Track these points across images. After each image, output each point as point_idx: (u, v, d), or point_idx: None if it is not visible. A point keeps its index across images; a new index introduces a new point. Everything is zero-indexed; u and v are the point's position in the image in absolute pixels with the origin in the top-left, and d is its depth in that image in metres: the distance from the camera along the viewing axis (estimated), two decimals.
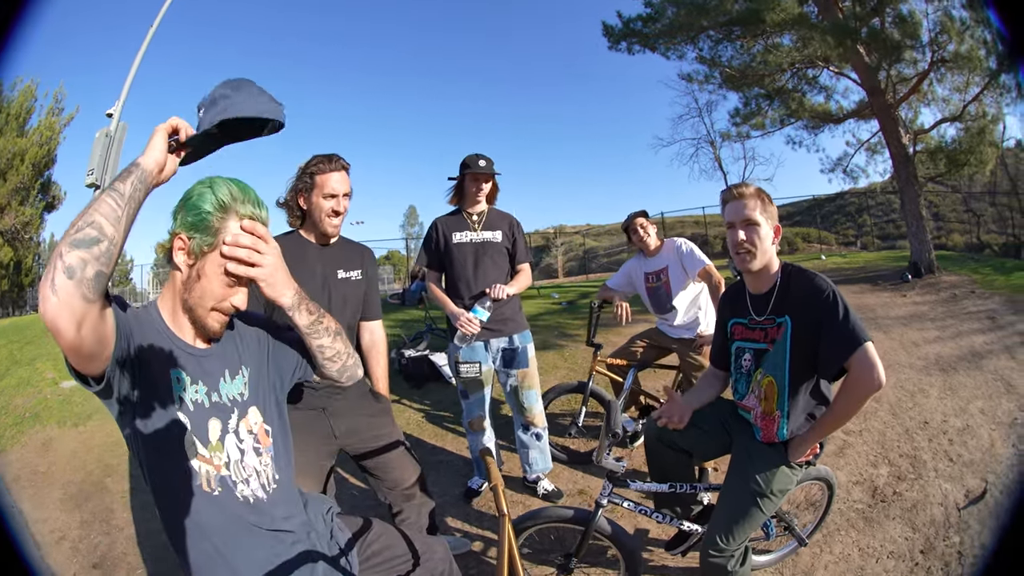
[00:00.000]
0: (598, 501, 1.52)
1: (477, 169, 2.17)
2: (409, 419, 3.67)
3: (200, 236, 0.87)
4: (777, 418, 1.38)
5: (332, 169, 1.56)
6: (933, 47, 7.25)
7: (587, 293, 9.87)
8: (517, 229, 2.34)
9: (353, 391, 1.61)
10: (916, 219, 7.87)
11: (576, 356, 4.99)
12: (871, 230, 20.47)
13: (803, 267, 1.39)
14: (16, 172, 11.91)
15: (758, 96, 9.41)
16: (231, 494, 0.91)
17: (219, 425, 0.93)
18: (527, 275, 2.33)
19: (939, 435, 2.71)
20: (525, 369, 2.28)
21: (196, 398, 0.91)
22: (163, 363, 0.88)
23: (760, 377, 1.42)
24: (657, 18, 8.46)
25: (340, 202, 1.57)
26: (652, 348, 2.80)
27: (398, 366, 4.62)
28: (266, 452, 0.99)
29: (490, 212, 2.31)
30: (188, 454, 0.88)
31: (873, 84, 7.85)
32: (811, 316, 1.29)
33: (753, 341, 1.45)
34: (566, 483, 2.57)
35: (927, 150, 8.41)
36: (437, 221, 2.32)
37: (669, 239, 2.70)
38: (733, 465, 1.48)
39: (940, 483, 2.25)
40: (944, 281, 7.19)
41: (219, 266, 0.89)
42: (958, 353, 4.01)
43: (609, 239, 26.39)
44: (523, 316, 2.36)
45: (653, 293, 2.71)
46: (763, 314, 1.41)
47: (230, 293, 0.91)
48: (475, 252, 2.23)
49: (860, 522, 2.04)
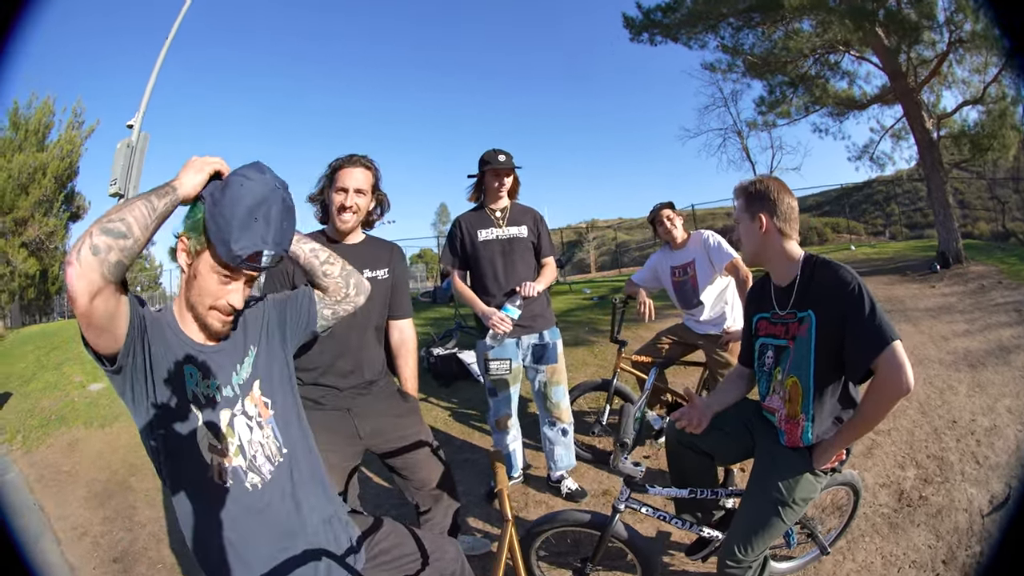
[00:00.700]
0: (615, 506, 1.50)
1: (497, 164, 2.15)
2: (436, 417, 3.69)
3: (195, 236, 0.92)
4: (802, 422, 1.32)
5: (349, 165, 1.57)
6: (950, 27, 7.06)
7: (618, 288, 9.77)
8: (541, 223, 2.32)
9: (380, 391, 1.62)
10: (943, 207, 7.66)
11: (606, 352, 4.97)
12: (899, 219, 19.96)
13: (827, 258, 1.32)
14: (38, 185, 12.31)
15: (782, 84, 9.27)
16: (241, 486, 0.94)
17: (228, 413, 0.96)
18: (552, 269, 2.31)
19: (967, 435, 2.63)
20: (554, 365, 2.28)
21: (208, 393, 0.94)
22: (175, 360, 0.92)
23: (782, 377, 1.37)
24: (677, 7, 8.36)
25: (350, 197, 1.55)
26: (678, 345, 2.72)
27: (427, 364, 4.64)
28: (266, 424, 1.01)
29: (513, 207, 2.29)
30: (200, 448, 0.91)
31: (894, 67, 7.66)
32: (836, 311, 1.23)
33: (774, 337, 1.40)
34: (591, 483, 2.55)
35: (951, 135, 8.22)
36: (460, 219, 2.29)
37: (696, 232, 2.62)
38: (755, 471, 1.43)
39: (966, 487, 2.19)
40: (972, 271, 6.97)
41: (211, 265, 0.92)
42: (986, 348, 3.90)
43: (641, 233, 26.20)
44: (551, 311, 2.35)
45: (679, 288, 2.64)
46: (786, 308, 1.36)
47: (224, 291, 0.93)
48: (502, 249, 2.21)
49: (885, 528, 1.98)
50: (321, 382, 1.54)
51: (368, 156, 1.62)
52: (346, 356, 1.56)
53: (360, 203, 1.58)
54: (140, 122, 5.39)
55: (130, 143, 5.19)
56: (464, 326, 5.70)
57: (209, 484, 0.91)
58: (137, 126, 5.33)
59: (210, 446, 0.92)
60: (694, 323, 2.66)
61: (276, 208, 0.91)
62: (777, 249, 1.36)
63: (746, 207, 1.39)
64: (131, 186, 5.12)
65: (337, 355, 1.55)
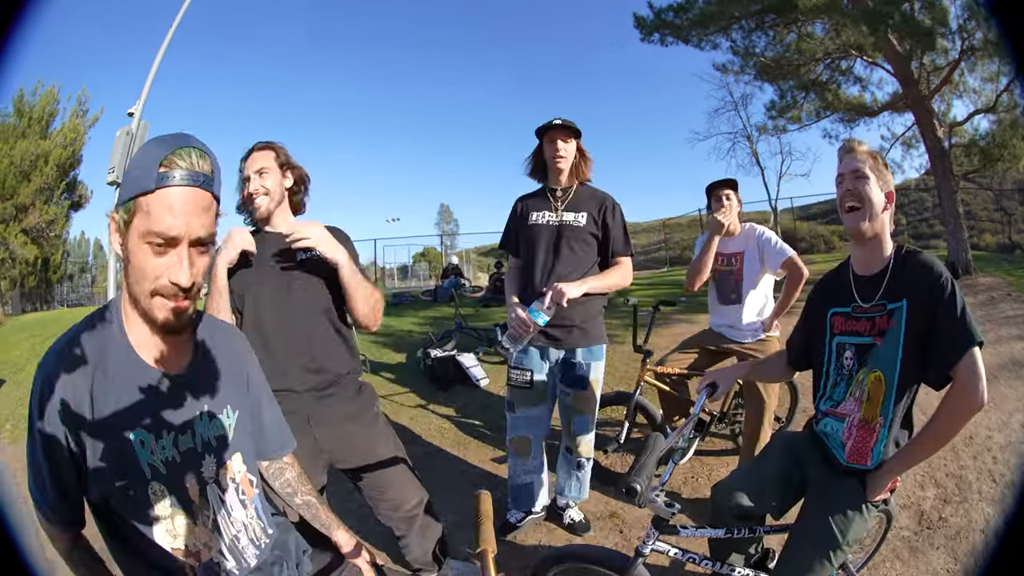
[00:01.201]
0: (639, 550, 1.30)
1: (549, 124, 1.86)
2: (431, 424, 3.56)
3: (123, 208, 0.72)
4: (878, 427, 1.18)
5: (247, 154, 1.45)
6: (962, 34, 7.00)
7: (624, 291, 9.56)
8: (611, 212, 1.92)
9: (343, 392, 1.43)
10: (953, 217, 7.57)
11: (613, 359, 4.80)
12: (905, 229, 19.88)
13: (915, 248, 1.23)
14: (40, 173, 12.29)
15: (793, 88, 9.24)
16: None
17: (195, 478, 0.79)
18: (623, 272, 1.93)
19: (983, 452, 2.55)
20: (583, 392, 1.93)
21: (165, 456, 0.76)
22: (120, 426, 0.73)
23: (864, 377, 1.22)
24: (688, 8, 8.29)
25: (253, 181, 1.41)
26: (707, 353, 2.45)
27: (423, 366, 4.51)
28: (250, 504, 0.88)
29: (579, 190, 1.95)
30: (165, 543, 0.75)
31: (906, 74, 7.58)
32: (928, 302, 1.13)
33: (856, 335, 1.25)
34: (596, 503, 2.37)
35: (962, 144, 8.15)
36: (518, 201, 2.02)
37: (749, 224, 2.39)
38: (807, 511, 1.28)
39: (983, 507, 2.12)
40: (981, 283, 6.88)
41: (140, 233, 0.71)
42: (999, 361, 3.80)
43: (647, 236, 25.95)
44: (600, 326, 1.97)
45: (721, 277, 2.39)
46: (872, 299, 1.22)
47: (162, 267, 0.71)
48: (551, 236, 1.89)
49: (905, 552, 1.89)
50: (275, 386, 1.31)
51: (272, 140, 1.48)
52: (298, 349, 1.37)
53: (268, 184, 1.42)
54: (141, 110, 5.31)
55: (130, 131, 5.12)
56: (465, 327, 5.58)
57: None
58: (137, 114, 5.26)
59: (184, 548, 0.76)
60: (727, 329, 2.41)
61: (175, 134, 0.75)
62: (882, 232, 1.23)
63: (879, 175, 1.23)
64: None
65: (287, 349, 1.36)
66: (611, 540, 2.12)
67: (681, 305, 6.76)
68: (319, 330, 1.42)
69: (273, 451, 1.00)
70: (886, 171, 1.25)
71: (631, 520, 2.23)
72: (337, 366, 1.43)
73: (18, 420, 4.15)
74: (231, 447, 0.85)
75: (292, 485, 1.03)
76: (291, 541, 0.96)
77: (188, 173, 0.71)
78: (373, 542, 2.21)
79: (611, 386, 4.03)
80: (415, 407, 3.93)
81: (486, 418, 3.60)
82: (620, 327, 6.22)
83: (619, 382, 4.17)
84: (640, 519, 2.23)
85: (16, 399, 4.63)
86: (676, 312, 6.35)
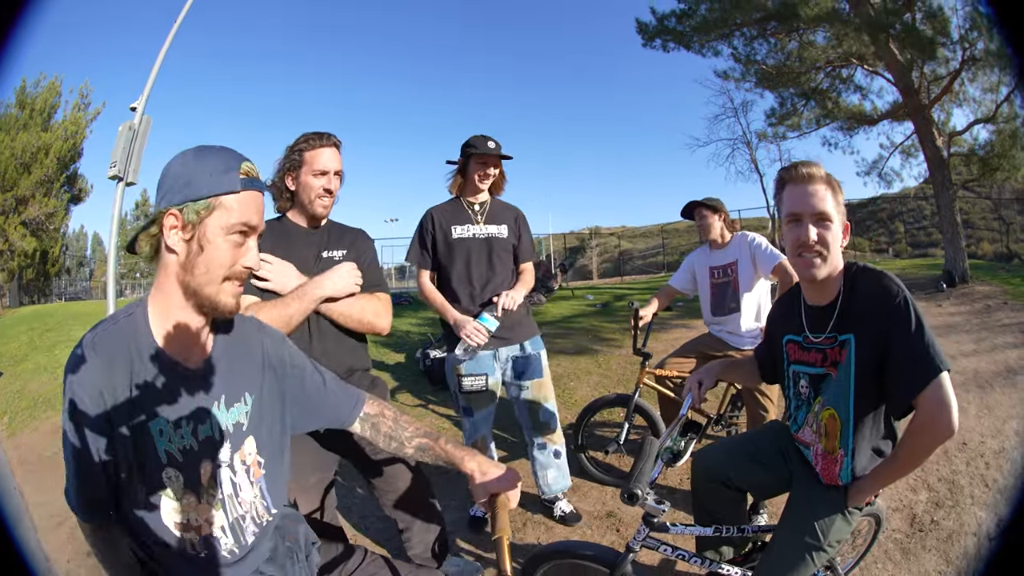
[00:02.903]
0: (629, 545, 1.32)
1: (485, 150, 1.90)
2: (430, 424, 3.60)
3: (193, 202, 0.79)
4: (840, 458, 1.15)
5: (323, 145, 1.43)
6: (964, 44, 7.04)
7: (622, 295, 9.71)
8: (523, 224, 2.10)
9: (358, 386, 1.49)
10: (951, 226, 7.64)
11: (611, 362, 4.85)
12: (903, 237, 20.00)
13: (868, 264, 1.13)
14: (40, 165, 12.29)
15: (794, 96, 9.29)
16: (216, 554, 0.83)
17: (210, 464, 0.84)
18: (531, 275, 2.11)
19: (976, 458, 2.58)
20: (540, 379, 2.05)
21: (183, 444, 0.81)
22: (142, 415, 0.78)
23: (819, 409, 1.19)
24: (691, 15, 8.34)
25: (331, 180, 1.43)
26: (706, 359, 2.47)
27: (422, 367, 4.54)
28: (257, 484, 0.91)
29: (494, 203, 2.06)
30: (167, 526, 0.79)
31: (907, 83, 7.64)
32: (877, 326, 1.04)
33: (810, 365, 1.20)
34: (593, 503, 2.40)
35: (961, 154, 8.21)
36: (432, 211, 2.03)
37: (739, 232, 2.42)
38: (789, 509, 1.27)
39: (975, 511, 2.13)
40: (977, 291, 6.93)
41: (223, 228, 0.80)
42: (994, 368, 3.85)
43: (644, 241, 26.02)
44: (532, 320, 2.13)
45: (718, 290, 2.42)
46: (822, 332, 1.15)
47: (240, 254, 0.82)
48: (479, 249, 1.98)
49: (897, 554, 1.91)
50: None
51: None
52: (322, 340, 1.41)
53: (339, 185, 1.47)
54: (143, 105, 5.31)
55: (132, 126, 5.11)
56: None
57: (179, 552, 0.81)
58: (140, 109, 5.25)
59: (185, 522, 0.80)
60: (727, 335, 2.42)
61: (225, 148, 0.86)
62: (837, 264, 1.12)
63: (836, 204, 1.10)
64: (130, 169, 5.04)
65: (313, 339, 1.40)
66: (607, 539, 2.14)
67: (678, 310, 6.80)
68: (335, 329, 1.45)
69: (348, 411, 1.01)
70: (841, 196, 1.13)
71: (628, 519, 2.25)
72: (353, 361, 1.48)
73: (16, 413, 4.15)
74: (247, 432, 0.90)
75: (395, 437, 1.02)
76: (301, 533, 0.98)
77: (257, 182, 0.86)
78: (373, 536, 2.23)
79: (610, 389, 4.06)
80: (414, 407, 3.96)
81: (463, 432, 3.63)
82: (618, 331, 6.26)
83: (617, 385, 4.19)
84: (636, 519, 2.22)
85: (14, 392, 4.62)
86: (673, 317, 6.40)
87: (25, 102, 12.47)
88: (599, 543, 1.76)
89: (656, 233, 24.45)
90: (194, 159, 0.82)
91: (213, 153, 0.83)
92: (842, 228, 1.13)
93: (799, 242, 1.10)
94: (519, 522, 2.27)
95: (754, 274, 2.33)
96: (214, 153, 0.83)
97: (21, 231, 12.27)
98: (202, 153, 0.83)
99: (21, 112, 12.35)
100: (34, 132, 12.15)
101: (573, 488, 2.38)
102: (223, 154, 0.83)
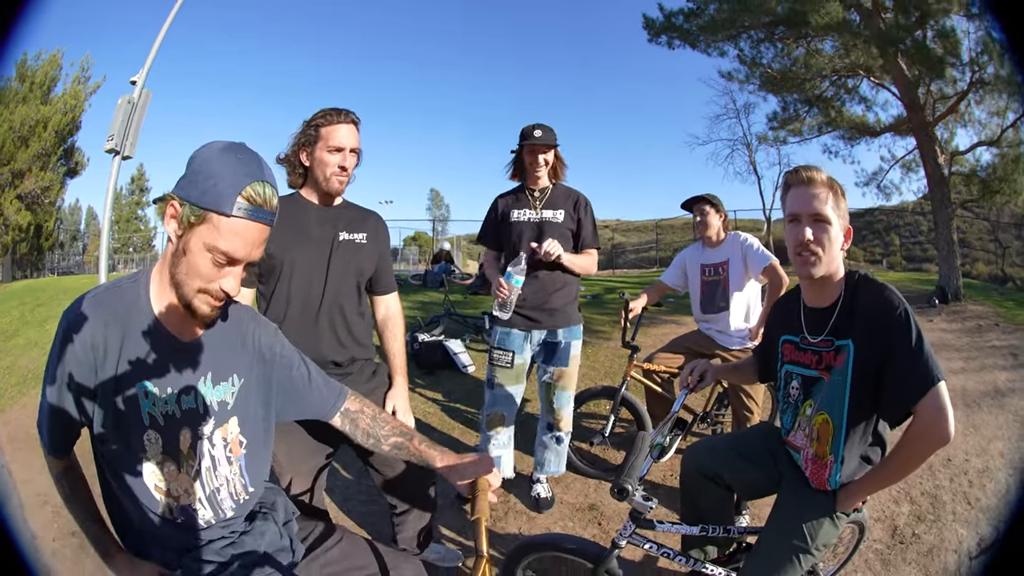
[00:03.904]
0: (615, 541, 1.33)
1: (533, 140, 2.00)
2: (417, 408, 3.58)
3: (191, 205, 0.77)
4: (830, 463, 1.16)
5: (340, 121, 1.41)
6: (973, 67, 7.05)
7: (613, 287, 9.69)
8: (584, 209, 2.13)
9: (362, 371, 1.50)
10: (947, 243, 7.67)
11: (598, 354, 4.86)
12: (898, 250, 20.12)
13: (871, 275, 1.16)
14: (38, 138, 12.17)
15: (797, 101, 9.28)
16: (193, 521, 0.86)
17: (190, 433, 0.86)
18: (591, 259, 2.14)
19: (960, 475, 2.60)
20: (563, 368, 2.12)
21: (166, 410, 0.83)
22: (130, 375, 0.80)
23: (811, 413, 1.20)
24: (699, 13, 8.29)
25: (347, 157, 1.41)
26: (694, 356, 2.47)
27: (410, 351, 4.50)
28: (236, 462, 0.92)
29: (555, 189, 2.13)
30: (148, 488, 0.82)
31: (912, 99, 7.65)
32: (878, 338, 1.07)
33: (804, 367, 1.22)
34: (576, 495, 2.42)
35: (962, 173, 8.22)
36: (498, 198, 2.19)
37: (732, 232, 2.44)
38: (778, 510, 1.28)
39: (957, 528, 2.15)
40: (969, 310, 6.97)
41: (204, 245, 0.77)
42: (982, 388, 3.88)
43: (638, 236, 26.04)
44: (575, 310, 2.16)
45: (708, 288, 2.46)
46: (820, 334, 1.18)
47: (218, 275, 0.79)
48: (532, 232, 2.06)
49: (877, 564, 1.92)
50: None
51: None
52: (331, 322, 1.43)
53: (355, 163, 1.46)
54: (144, 79, 5.25)
55: (131, 99, 5.06)
56: (453, 313, 5.60)
57: (155, 516, 0.83)
58: (140, 83, 5.19)
59: (166, 490, 0.83)
60: (716, 333, 2.45)
61: (246, 148, 0.82)
62: (835, 269, 1.16)
63: (838, 213, 1.13)
64: (128, 143, 4.99)
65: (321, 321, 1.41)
66: (589, 531, 2.16)
67: (669, 305, 6.81)
68: (350, 307, 1.48)
69: (330, 405, 1.02)
70: (844, 202, 1.16)
71: (610, 513, 2.27)
72: (358, 348, 1.50)
73: (4, 390, 4.11)
74: (231, 411, 0.92)
75: (372, 434, 1.02)
76: (279, 503, 1.01)
77: (261, 211, 0.79)
78: (356, 520, 2.24)
79: (596, 381, 4.07)
80: None
81: (472, 403, 3.62)
82: (607, 323, 6.26)
83: (604, 377, 4.20)
84: (619, 512, 2.26)
85: (4, 367, 4.57)
86: (663, 312, 6.39)
87: (25, 75, 12.32)
88: (583, 536, 1.77)
89: (651, 228, 24.48)
90: (215, 158, 0.79)
91: (233, 160, 0.79)
92: (843, 232, 1.16)
93: (797, 241, 1.15)
94: (501, 511, 2.30)
95: (745, 274, 2.35)
96: (234, 161, 0.79)
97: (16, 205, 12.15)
98: (225, 155, 0.79)
99: (21, 85, 12.20)
100: (33, 105, 12.02)
101: (557, 478, 2.41)
102: (239, 167, 0.78)
